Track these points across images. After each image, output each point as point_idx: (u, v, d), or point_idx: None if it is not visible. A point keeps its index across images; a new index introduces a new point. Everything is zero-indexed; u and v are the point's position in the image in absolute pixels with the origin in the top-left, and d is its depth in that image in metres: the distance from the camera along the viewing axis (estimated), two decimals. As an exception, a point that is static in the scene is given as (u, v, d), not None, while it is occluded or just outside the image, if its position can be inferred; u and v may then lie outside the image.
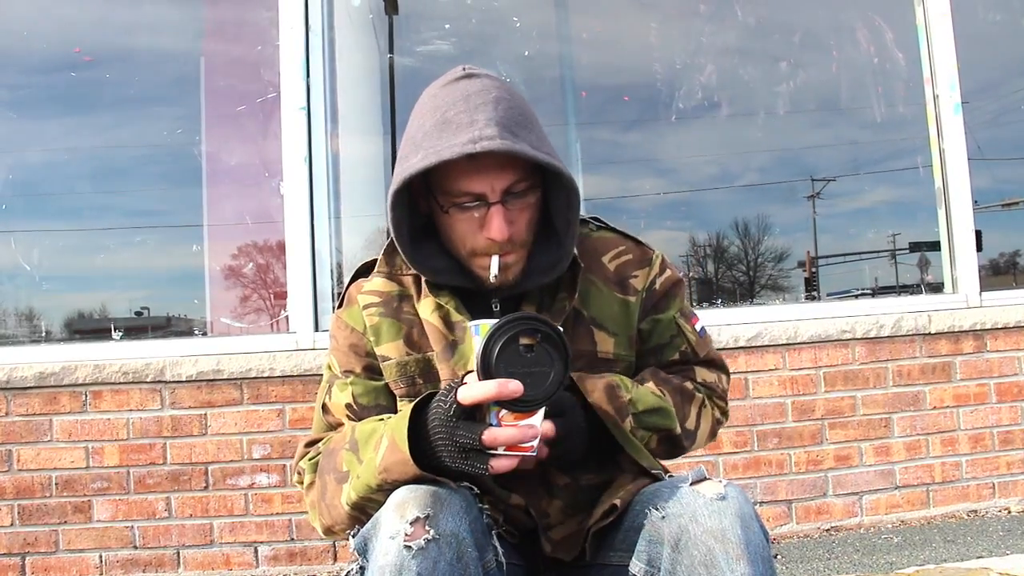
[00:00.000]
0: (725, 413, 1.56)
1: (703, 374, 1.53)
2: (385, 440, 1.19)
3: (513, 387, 1.12)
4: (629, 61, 4.55)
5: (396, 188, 1.30)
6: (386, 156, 4.21)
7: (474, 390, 1.13)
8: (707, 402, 1.51)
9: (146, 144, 4.09)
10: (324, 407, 1.45)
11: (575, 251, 1.41)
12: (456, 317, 1.40)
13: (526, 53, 4.35)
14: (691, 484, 1.21)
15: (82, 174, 4.11)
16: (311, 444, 1.45)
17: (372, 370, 1.44)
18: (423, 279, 1.43)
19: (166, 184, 4.15)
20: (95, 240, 4.02)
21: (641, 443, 1.36)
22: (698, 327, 1.54)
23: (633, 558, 1.23)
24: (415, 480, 1.17)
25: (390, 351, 1.42)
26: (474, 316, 1.38)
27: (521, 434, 1.14)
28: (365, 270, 1.54)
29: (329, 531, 1.35)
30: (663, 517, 1.19)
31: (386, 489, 1.18)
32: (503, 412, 1.15)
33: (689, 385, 1.49)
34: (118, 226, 4.05)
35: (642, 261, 1.49)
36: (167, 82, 4.09)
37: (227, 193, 4.02)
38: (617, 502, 1.29)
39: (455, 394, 1.14)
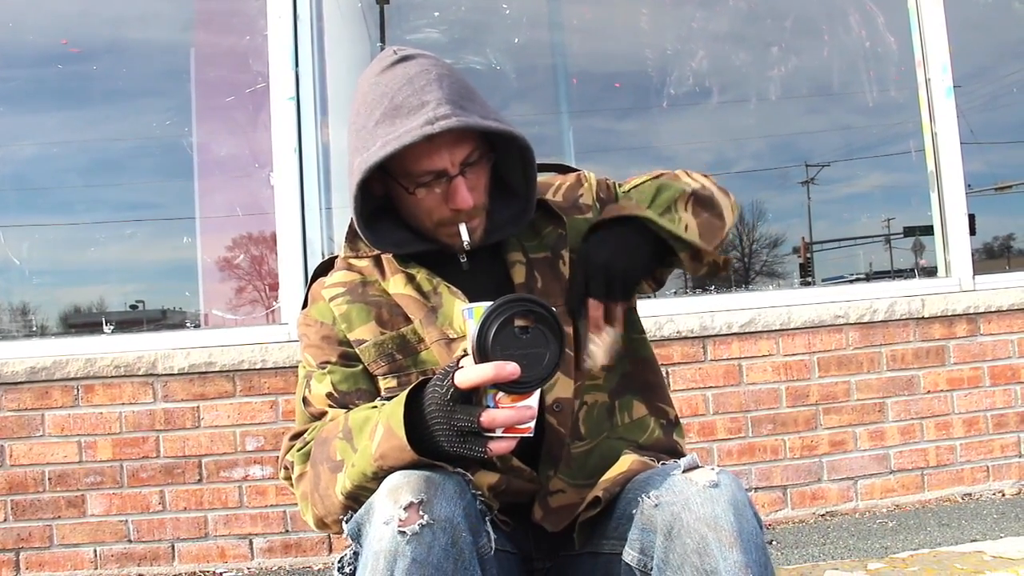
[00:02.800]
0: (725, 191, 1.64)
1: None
2: (380, 427, 1.18)
3: (510, 369, 1.11)
4: (620, 48, 4.53)
5: (361, 179, 1.32)
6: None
7: (471, 373, 1.12)
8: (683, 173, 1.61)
9: (136, 136, 4.06)
10: (305, 400, 1.45)
11: None
12: (428, 285, 1.43)
13: (516, 41, 4.33)
14: (683, 472, 1.21)
15: (72, 167, 4.08)
16: (296, 437, 1.44)
17: (348, 357, 1.44)
18: (384, 259, 1.47)
19: (157, 176, 4.13)
20: (86, 234, 4.00)
21: (681, 227, 1.46)
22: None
23: (626, 547, 1.23)
24: (411, 466, 1.16)
25: (364, 334, 1.43)
26: (444, 278, 1.43)
27: (519, 415, 1.13)
28: (323, 269, 1.58)
29: (321, 522, 1.34)
30: (656, 505, 1.18)
31: (381, 476, 1.17)
32: (500, 394, 1.14)
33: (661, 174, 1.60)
34: (109, 219, 4.03)
35: (578, 181, 1.59)
36: (156, 74, 4.06)
37: (218, 185, 4.00)
38: (600, 494, 1.29)
39: (452, 378, 1.13)
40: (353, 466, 1.22)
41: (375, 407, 1.28)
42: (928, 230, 3.91)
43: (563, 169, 1.63)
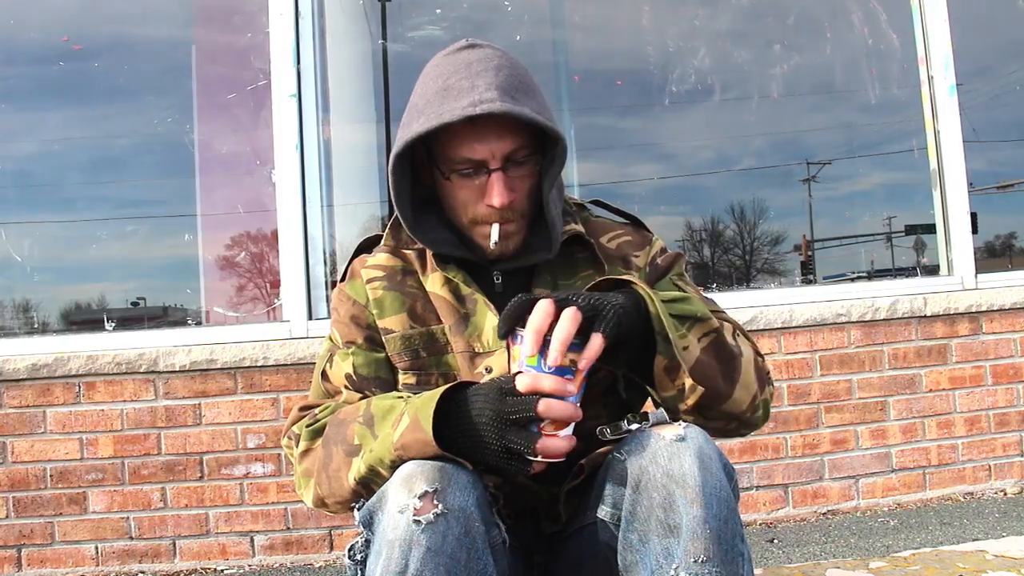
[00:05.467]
0: (768, 372, 1.39)
1: (730, 319, 1.40)
2: (406, 417, 1.19)
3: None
4: (622, 45, 4.52)
5: (397, 152, 1.32)
6: (380, 144, 4.19)
7: (563, 411, 1.14)
8: (743, 335, 1.37)
9: (137, 133, 4.06)
10: (324, 374, 1.45)
11: (583, 229, 1.45)
12: (465, 290, 1.41)
13: (518, 38, 4.32)
14: (652, 426, 1.22)
15: (73, 164, 4.09)
16: (306, 408, 1.44)
17: (373, 342, 1.44)
18: (428, 254, 1.45)
19: (158, 174, 4.13)
20: (87, 231, 4.00)
21: (680, 341, 1.22)
22: (704, 295, 1.50)
23: (600, 504, 1.24)
24: (430, 459, 1.16)
25: (394, 324, 1.42)
26: (481, 289, 1.41)
27: (569, 444, 1.16)
28: (368, 245, 1.56)
29: (321, 502, 1.35)
30: (624, 460, 1.19)
31: (398, 465, 1.18)
32: (545, 422, 1.15)
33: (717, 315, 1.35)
34: (110, 216, 4.03)
35: (641, 243, 1.52)
36: (158, 71, 4.06)
37: (220, 182, 4.00)
38: (583, 462, 1.30)
39: (535, 406, 1.13)
40: (371, 451, 1.22)
41: (400, 397, 1.28)
42: (930, 228, 3.90)
43: (636, 223, 1.56)
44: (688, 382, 1.23)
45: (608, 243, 1.50)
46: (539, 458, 1.14)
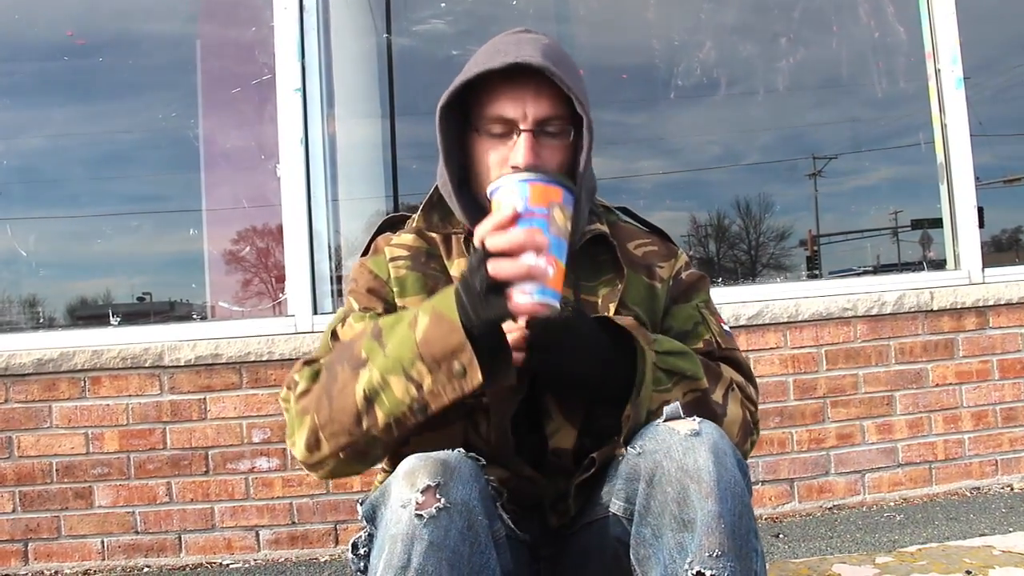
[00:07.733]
0: (756, 423, 1.45)
1: (729, 372, 1.44)
2: (423, 316, 1.18)
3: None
4: (627, 39, 4.51)
5: (443, 103, 1.33)
6: (385, 138, 4.18)
7: (505, 239, 1.12)
8: (736, 390, 1.42)
9: (142, 129, 4.06)
10: (334, 333, 1.43)
11: (607, 231, 1.45)
12: None
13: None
14: (665, 421, 1.22)
15: (78, 160, 4.09)
16: (310, 363, 1.41)
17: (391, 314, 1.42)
18: (454, 239, 1.45)
19: (163, 169, 4.13)
20: (92, 226, 4.00)
21: (661, 396, 1.30)
22: (725, 327, 1.52)
23: (612, 498, 1.24)
24: (456, 350, 1.15)
25: (414, 305, 1.39)
26: None
27: (519, 268, 1.12)
28: (392, 223, 1.55)
29: (314, 438, 1.28)
30: (639, 454, 1.20)
31: (420, 368, 1.16)
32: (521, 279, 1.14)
33: (715, 367, 1.42)
34: (115, 212, 4.03)
35: (667, 254, 1.52)
36: (162, 66, 4.06)
37: (224, 177, 4.00)
38: (595, 455, 1.29)
39: (484, 270, 1.12)
40: (386, 357, 1.20)
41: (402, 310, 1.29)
42: (936, 223, 3.89)
43: (662, 235, 1.57)
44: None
45: (635, 250, 1.50)
46: (513, 296, 1.12)
